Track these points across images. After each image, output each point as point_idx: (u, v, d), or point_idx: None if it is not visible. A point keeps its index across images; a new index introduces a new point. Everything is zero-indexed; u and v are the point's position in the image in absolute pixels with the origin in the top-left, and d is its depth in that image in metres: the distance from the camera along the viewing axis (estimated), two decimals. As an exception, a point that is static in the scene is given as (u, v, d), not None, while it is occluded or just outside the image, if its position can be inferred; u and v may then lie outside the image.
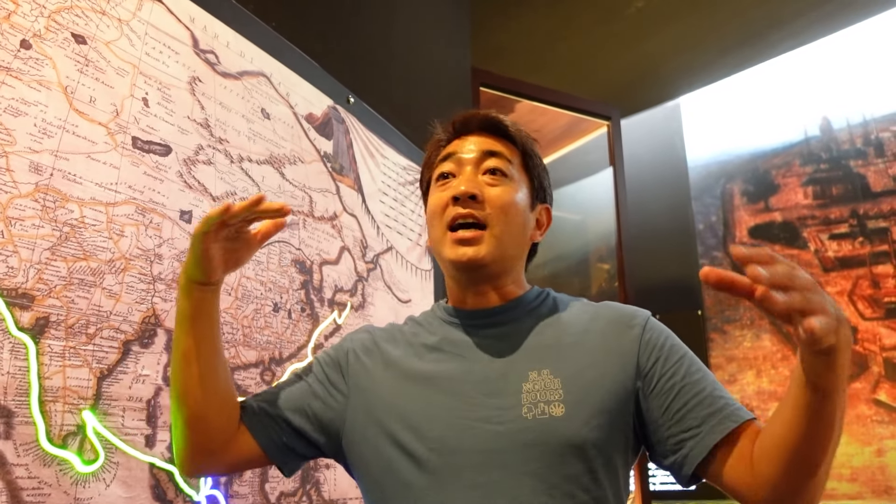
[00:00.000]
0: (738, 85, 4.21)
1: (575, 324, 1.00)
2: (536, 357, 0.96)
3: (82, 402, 1.00)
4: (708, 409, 0.89)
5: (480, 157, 1.00)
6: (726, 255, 4.17)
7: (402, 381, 0.98)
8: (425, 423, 0.93)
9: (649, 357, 0.94)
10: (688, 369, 0.93)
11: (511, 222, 0.98)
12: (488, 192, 0.98)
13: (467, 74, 2.40)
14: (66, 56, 1.05)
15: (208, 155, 1.28)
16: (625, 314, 1.00)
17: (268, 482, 1.29)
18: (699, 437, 0.88)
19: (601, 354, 0.95)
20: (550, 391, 0.92)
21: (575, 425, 0.89)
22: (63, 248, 1.00)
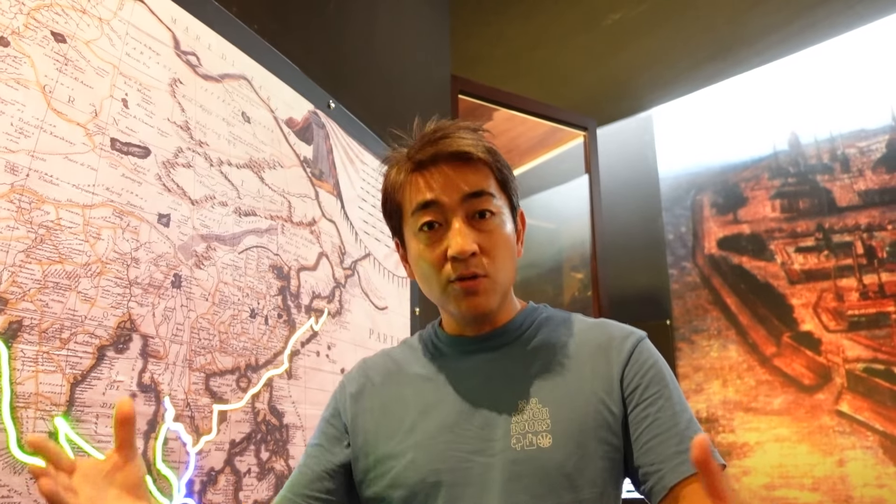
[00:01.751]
0: (709, 98, 4.26)
1: (565, 347, 0.98)
2: (525, 386, 0.94)
3: (55, 408, 0.97)
4: (676, 447, 0.88)
5: (464, 200, 0.94)
6: (695, 265, 4.21)
7: (396, 416, 0.98)
8: (421, 457, 0.93)
9: (630, 382, 0.93)
10: (666, 402, 0.91)
11: (507, 262, 0.96)
12: (483, 242, 0.93)
13: (447, 81, 2.40)
14: (45, 55, 1.03)
15: (188, 158, 1.26)
16: (615, 337, 0.97)
17: (242, 490, 1.27)
18: (661, 475, 0.87)
19: (589, 381, 0.93)
20: (538, 421, 0.91)
21: (561, 456, 0.88)
22: (38, 251, 0.98)
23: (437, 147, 0.95)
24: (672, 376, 0.95)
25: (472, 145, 0.96)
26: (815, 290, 3.66)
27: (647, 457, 0.89)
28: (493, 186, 0.97)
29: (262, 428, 1.33)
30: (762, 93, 4.02)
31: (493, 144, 1.01)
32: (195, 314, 1.22)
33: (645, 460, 0.89)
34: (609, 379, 0.93)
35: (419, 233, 0.96)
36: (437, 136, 0.97)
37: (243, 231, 1.36)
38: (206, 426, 1.21)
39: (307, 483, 0.98)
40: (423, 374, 1.01)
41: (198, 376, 1.21)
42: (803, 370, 3.58)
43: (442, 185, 0.95)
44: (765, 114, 4.01)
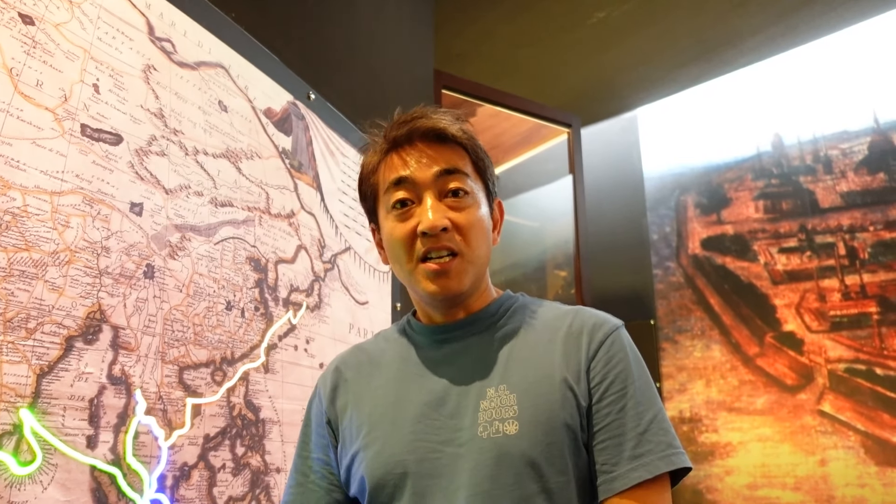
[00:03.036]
0: (693, 99, 4.27)
1: (539, 334, 0.96)
2: (495, 372, 0.93)
3: (20, 399, 0.94)
4: (631, 451, 0.87)
5: (438, 178, 0.93)
6: (679, 265, 4.22)
7: (366, 409, 0.97)
8: (388, 448, 0.92)
9: (597, 374, 0.91)
10: (629, 401, 0.89)
11: (481, 243, 0.95)
12: (455, 219, 0.92)
13: (429, 76, 2.38)
14: (12, 36, 1.00)
15: (162, 146, 1.23)
16: (590, 325, 0.95)
17: (216, 486, 1.24)
18: (611, 476, 0.87)
19: (559, 367, 0.91)
20: (505, 408, 0.89)
21: (527, 443, 0.86)
22: (3, 238, 0.95)
23: (412, 125, 0.95)
24: (642, 371, 0.93)
25: (449, 124, 0.95)
26: (798, 291, 3.67)
27: (602, 455, 0.88)
28: (469, 167, 0.96)
29: (237, 422, 1.30)
30: (746, 94, 4.03)
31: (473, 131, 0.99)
32: (168, 305, 1.19)
33: (599, 458, 0.88)
34: (578, 367, 0.91)
35: (391, 210, 0.95)
36: (413, 116, 0.96)
37: (219, 222, 1.33)
38: (180, 420, 1.19)
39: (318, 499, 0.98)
40: (395, 366, 1.00)
41: (171, 369, 1.18)
42: (786, 370, 3.59)
43: (416, 161, 0.94)
44: (749, 115, 4.02)
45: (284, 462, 1.41)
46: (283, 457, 1.40)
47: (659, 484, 0.87)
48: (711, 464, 3.66)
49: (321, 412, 1.02)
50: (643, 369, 0.94)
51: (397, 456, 0.91)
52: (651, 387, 0.92)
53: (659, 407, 0.91)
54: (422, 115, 0.96)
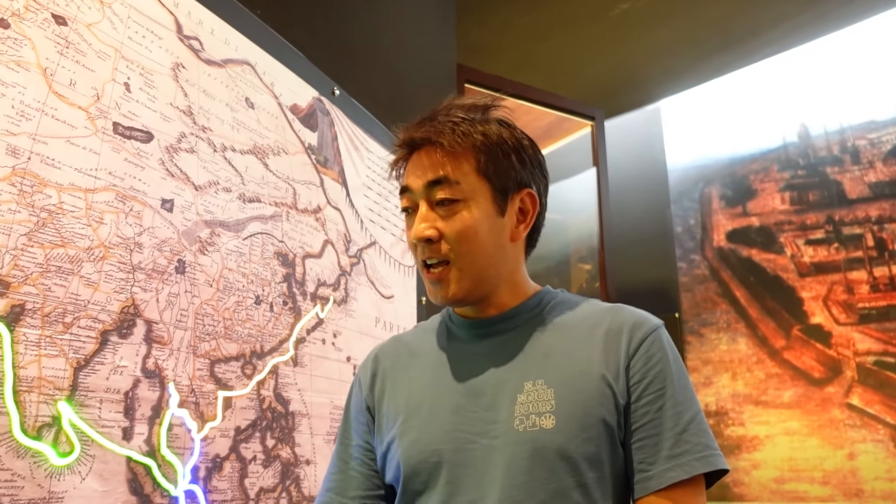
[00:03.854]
0: (717, 90, 4.24)
1: (577, 331, 0.96)
2: (533, 367, 0.94)
3: (58, 392, 0.97)
4: (668, 451, 0.87)
5: (426, 189, 0.94)
6: (704, 258, 4.19)
7: (403, 398, 1.00)
8: (424, 437, 0.94)
9: (636, 373, 0.91)
10: (668, 401, 0.89)
11: (475, 249, 0.95)
12: (443, 228, 0.94)
13: (452, 71, 2.39)
14: (46, 37, 1.03)
15: (191, 143, 1.25)
16: (630, 323, 0.95)
17: (247, 477, 1.26)
18: (647, 475, 0.87)
19: (598, 364, 0.92)
20: (542, 402, 0.90)
21: (563, 437, 0.87)
22: (40, 234, 0.97)
23: (416, 131, 0.97)
24: (681, 371, 0.93)
25: (445, 131, 0.95)
26: (825, 283, 3.64)
27: (639, 453, 0.88)
28: (463, 173, 0.95)
29: (267, 415, 1.32)
30: (771, 84, 3.99)
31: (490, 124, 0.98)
32: (199, 300, 1.21)
33: (636, 456, 0.89)
34: (617, 364, 0.92)
35: (403, 215, 1.01)
36: (425, 118, 0.98)
37: (248, 217, 1.35)
38: (211, 413, 1.21)
39: (358, 484, 1.00)
40: (433, 357, 1.02)
41: (202, 362, 1.20)
42: (813, 363, 3.56)
43: (414, 170, 0.97)
44: (774, 105, 3.98)
45: (314, 454, 1.42)
46: (312, 449, 1.42)
47: (694, 485, 0.87)
48: (738, 457, 3.64)
49: (360, 399, 1.05)
50: (682, 370, 0.94)
51: (433, 445, 0.93)
52: (690, 387, 0.93)
53: (697, 408, 0.91)
54: (432, 116, 0.98)
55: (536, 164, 1.02)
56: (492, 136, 0.97)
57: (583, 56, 3.79)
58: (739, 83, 4.11)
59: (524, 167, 1.00)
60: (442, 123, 0.96)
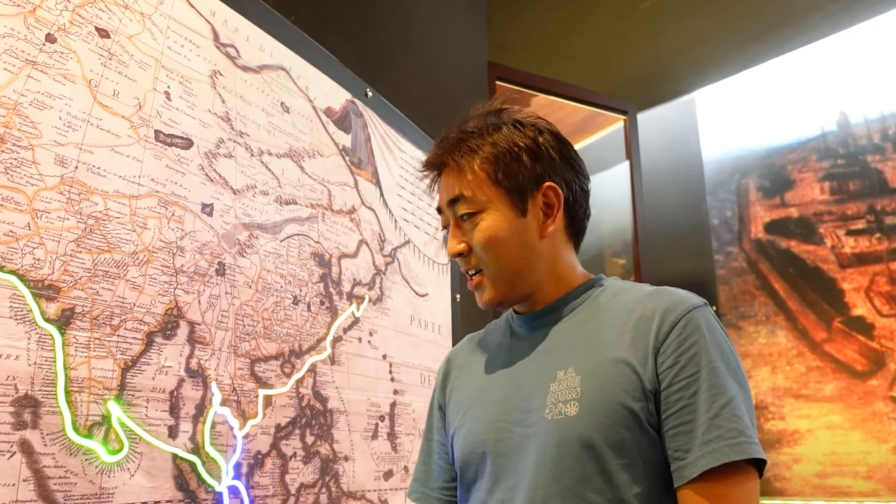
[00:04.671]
0: (753, 80, 4.17)
1: (615, 318, 0.96)
2: (566, 355, 0.95)
3: (107, 392, 1.00)
4: (702, 437, 0.84)
5: (449, 207, 1.01)
6: (741, 250, 4.14)
7: (466, 393, 1.07)
8: (475, 428, 1.00)
9: (667, 358, 0.89)
10: (702, 384, 0.86)
11: (502, 255, 0.98)
12: (470, 240, 0.99)
13: (483, 68, 2.40)
14: (90, 50, 1.06)
15: (229, 148, 1.28)
16: (663, 307, 0.92)
17: (288, 473, 1.29)
18: (682, 464, 0.85)
19: (626, 350, 0.91)
20: (570, 390, 0.91)
21: (585, 424, 0.88)
22: (88, 240, 1.01)
23: (433, 156, 1.04)
24: (722, 352, 0.89)
25: (454, 150, 1.01)
26: (867, 274, 3.57)
27: (674, 442, 0.87)
28: (476, 186, 0.99)
29: (306, 412, 1.35)
30: (809, 72, 3.92)
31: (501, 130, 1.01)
32: (239, 301, 1.25)
33: (671, 445, 0.87)
34: (645, 350, 0.90)
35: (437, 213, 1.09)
36: (442, 138, 1.04)
37: (284, 219, 1.38)
38: (252, 410, 1.24)
39: (438, 476, 1.08)
40: (494, 352, 1.08)
41: (243, 362, 1.24)
42: (855, 356, 3.50)
43: (441, 191, 1.04)
44: (812, 94, 3.91)
45: (352, 450, 1.45)
46: (350, 445, 1.45)
47: (736, 474, 0.84)
48: (779, 452, 3.60)
49: (435, 399, 1.13)
50: (724, 351, 0.90)
51: (481, 436, 0.99)
52: (732, 370, 0.89)
53: (735, 392, 0.86)
54: (444, 138, 1.04)
55: (558, 155, 1.03)
56: (500, 144, 1.00)
57: (614, 49, 3.76)
58: (776, 72, 4.05)
59: (539, 163, 1.01)
60: (452, 142, 1.02)
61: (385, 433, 1.56)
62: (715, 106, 4.37)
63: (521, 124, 1.03)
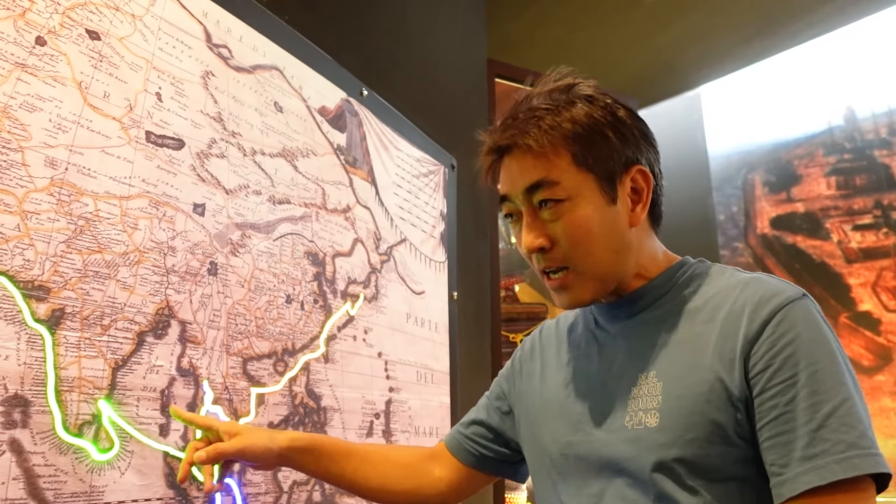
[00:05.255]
0: (759, 74, 4.15)
1: (700, 312, 0.87)
2: (647, 357, 0.88)
3: (98, 391, 1.02)
4: (802, 451, 0.74)
5: (525, 195, 0.90)
6: (747, 245, 4.12)
7: (548, 384, 1.02)
8: (559, 426, 0.95)
9: (759, 361, 0.79)
10: (801, 390, 0.76)
11: (592, 247, 0.88)
12: (554, 233, 0.88)
13: (482, 66, 2.40)
14: (81, 52, 1.07)
15: (221, 148, 1.29)
16: (754, 301, 0.82)
17: (281, 471, 1.30)
18: (780, 480, 0.76)
19: (711, 353, 0.82)
20: (651, 397, 0.84)
21: (665, 438, 0.81)
22: (78, 241, 1.02)
23: (501, 137, 0.92)
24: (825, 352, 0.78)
25: (531, 130, 0.89)
26: (874, 269, 3.55)
27: (770, 455, 0.77)
28: (561, 170, 0.89)
29: (299, 410, 1.36)
30: (816, 67, 3.90)
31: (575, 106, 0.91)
32: (231, 300, 1.26)
33: (767, 458, 0.77)
34: (732, 353, 0.81)
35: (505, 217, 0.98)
36: (507, 122, 0.93)
37: (278, 219, 1.39)
38: (245, 409, 1.25)
39: (467, 423, 1.13)
40: (575, 342, 1.01)
41: (235, 360, 1.25)
42: (862, 351, 3.49)
43: (508, 178, 0.92)
44: (818, 88, 3.89)
45: (346, 448, 1.46)
46: (344, 443, 1.46)
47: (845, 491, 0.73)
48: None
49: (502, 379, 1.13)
50: (827, 349, 0.78)
51: (566, 436, 0.94)
52: (837, 372, 0.77)
53: (844, 397, 0.75)
54: (513, 116, 0.93)
55: (640, 134, 0.95)
56: (581, 120, 0.90)
57: (618, 45, 3.75)
58: (782, 67, 4.02)
59: (626, 143, 0.92)
60: (525, 121, 0.90)
61: (380, 430, 1.57)
62: (721, 101, 4.35)
63: (594, 98, 0.94)
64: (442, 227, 1.95)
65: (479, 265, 2.13)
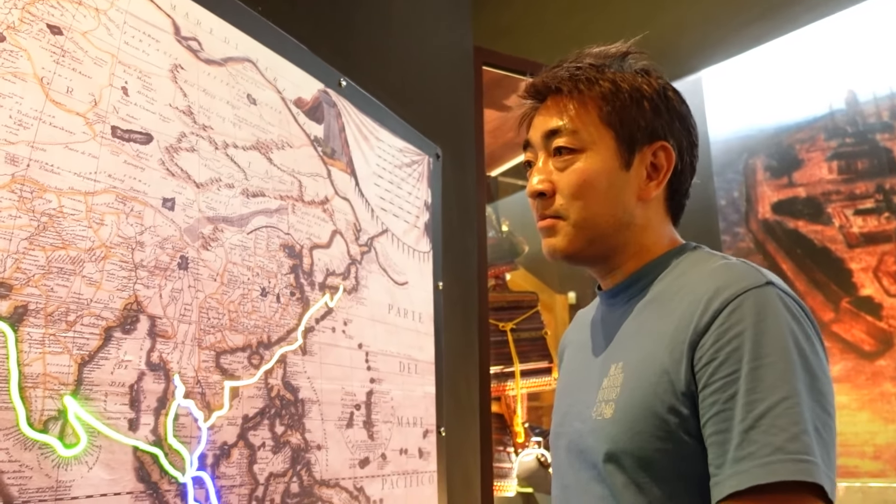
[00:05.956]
0: (760, 58, 4.11)
1: (671, 302, 0.85)
2: (620, 347, 0.89)
3: (63, 387, 1.02)
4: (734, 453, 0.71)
5: (545, 139, 0.92)
6: (749, 231, 4.10)
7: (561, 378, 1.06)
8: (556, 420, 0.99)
9: (706, 353, 0.76)
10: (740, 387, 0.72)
11: (590, 205, 0.89)
12: (558, 181, 0.90)
13: (469, 54, 2.38)
14: (42, 47, 1.07)
15: (191, 142, 1.29)
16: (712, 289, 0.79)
17: (256, 463, 1.31)
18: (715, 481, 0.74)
19: (667, 342, 0.81)
20: (612, 388, 0.84)
21: (615, 430, 0.81)
22: (41, 238, 1.02)
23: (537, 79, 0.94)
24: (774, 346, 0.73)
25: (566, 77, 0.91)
26: (876, 254, 3.53)
27: (709, 453, 0.75)
28: (584, 121, 0.90)
29: (276, 403, 1.37)
30: (817, 50, 3.86)
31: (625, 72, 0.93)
32: (203, 294, 1.26)
33: (708, 457, 0.76)
34: (682, 344, 0.79)
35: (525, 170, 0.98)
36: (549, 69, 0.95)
37: (251, 212, 1.39)
38: (218, 402, 1.25)
39: None
40: (587, 330, 1.03)
41: (207, 354, 1.25)
42: (863, 336, 3.48)
43: (535, 123, 0.94)
44: (820, 72, 3.85)
45: (325, 439, 1.46)
46: (322, 434, 1.46)
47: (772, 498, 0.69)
48: (784, 434, 3.59)
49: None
50: (778, 345, 0.74)
51: (555, 428, 0.98)
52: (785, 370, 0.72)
53: (784, 396, 0.71)
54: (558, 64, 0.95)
55: (679, 117, 0.95)
56: (622, 84, 0.92)
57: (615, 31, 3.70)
58: (783, 50, 3.98)
59: (659, 117, 0.93)
60: (565, 69, 0.93)
61: (361, 421, 1.57)
62: (722, 85, 4.31)
63: (648, 72, 0.95)
64: (426, 218, 1.94)
65: (465, 254, 2.12)
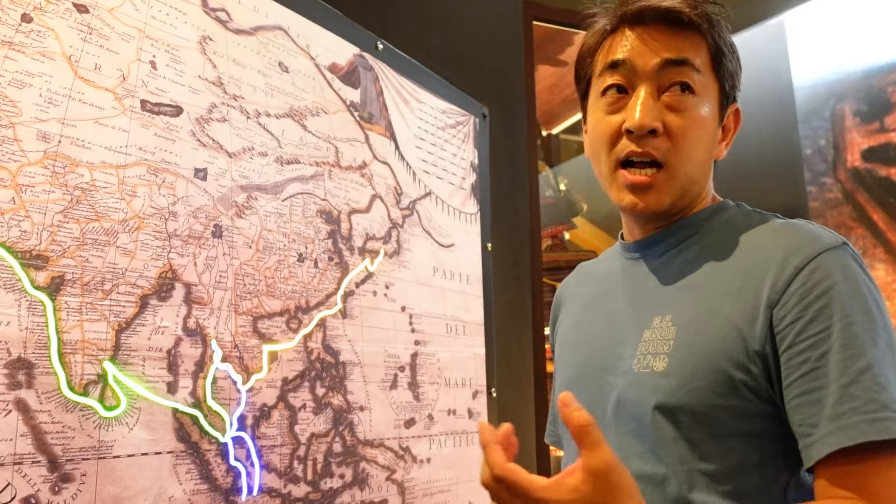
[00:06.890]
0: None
1: (728, 257, 0.82)
2: (666, 299, 0.85)
3: (102, 353, 1.07)
4: (832, 409, 0.68)
5: (661, 68, 0.82)
6: (836, 180, 3.88)
7: (569, 330, 1.02)
8: (573, 373, 0.95)
9: (787, 314, 0.73)
10: (833, 343, 0.70)
11: (695, 156, 0.85)
12: (670, 122, 0.83)
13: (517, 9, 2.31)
14: (69, 26, 1.10)
15: (222, 112, 1.31)
16: (785, 250, 0.76)
17: (297, 424, 1.35)
18: (808, 442, 0.70)
19: (731, 301, 0.77)
20: (662, 342, 0.81)
21: (669, 385, 0.78)
22: (75, 211, 1.06)
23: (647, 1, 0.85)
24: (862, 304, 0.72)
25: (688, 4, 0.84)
26: (976, 201, 3.28)
27: (798, 414, 0.72)
28: (703, 60, 0.85)
29: (316, 366, 1.40)
30: (910, -18, 3.57)
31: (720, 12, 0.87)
32: (238, 261, 1.29)
33: (795, 418, 0.72)
34: (756, 303, 0.76)
35: (600, 98, 0.87)
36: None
37: (286, 179, 1.41)
38: (256, 365, 1.29)
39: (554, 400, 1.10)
40: (600, 281, 0.99)
41: (245, 319, 1.28)
42: (962, 288, 3.25)
43: (639, 46, 0.84)
44: (914, 6, 3.57)
45: (367, 401, 1.49)
46: (365, 396, 1.49)
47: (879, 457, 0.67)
48: (872, 393, 3.42)
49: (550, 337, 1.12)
50: (864, 305, 0.72)
51: (572, 379, 0.94)
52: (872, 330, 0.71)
53: (880, 355, 0.70)
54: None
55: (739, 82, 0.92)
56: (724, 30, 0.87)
57: (683, -26, 3.53)
58: (874, -16, 3.71)
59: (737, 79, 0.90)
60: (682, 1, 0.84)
61: (406, 383, 1.59)
62: (806, 28, 4.06)
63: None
64: (473, 179, 1.92)
65: (516, 215, 2.09)
